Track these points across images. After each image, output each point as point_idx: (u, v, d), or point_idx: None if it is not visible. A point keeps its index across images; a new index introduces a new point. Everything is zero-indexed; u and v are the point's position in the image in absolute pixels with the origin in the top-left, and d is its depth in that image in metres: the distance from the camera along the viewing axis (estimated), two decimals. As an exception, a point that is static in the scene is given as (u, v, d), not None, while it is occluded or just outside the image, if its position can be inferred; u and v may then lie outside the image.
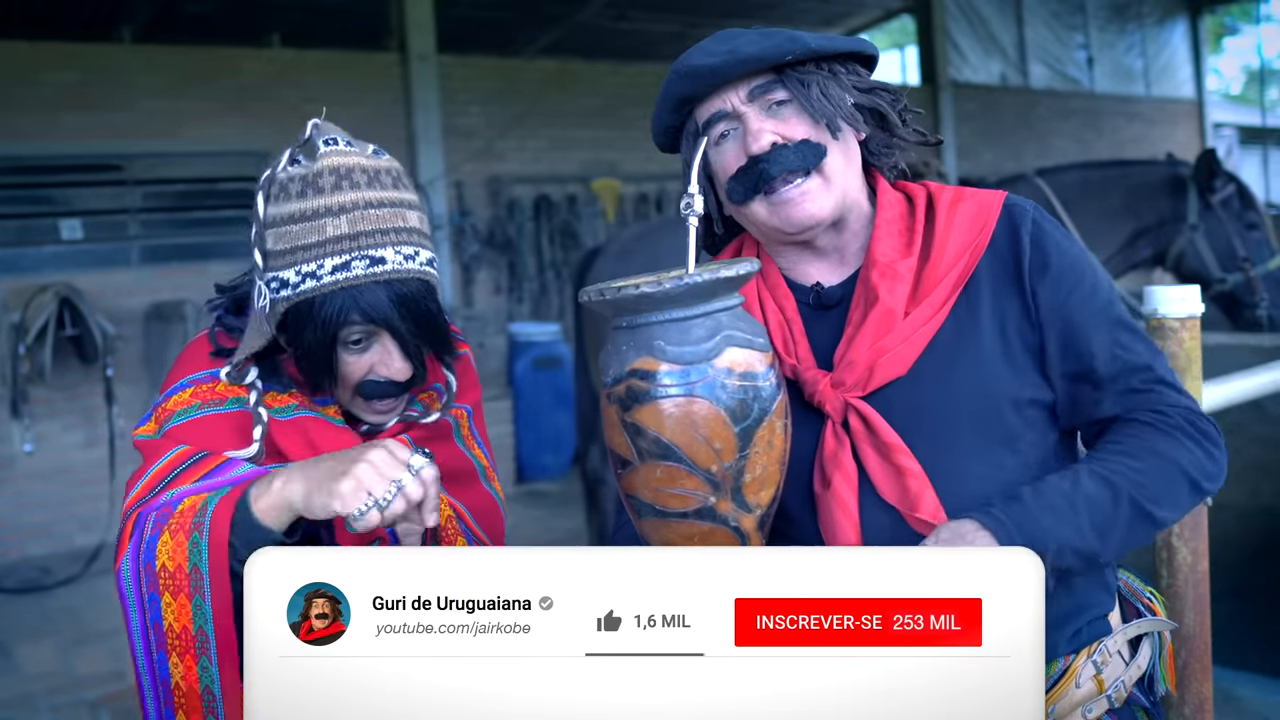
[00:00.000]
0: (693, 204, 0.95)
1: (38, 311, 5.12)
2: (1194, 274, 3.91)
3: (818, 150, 1.04)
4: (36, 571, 5.11)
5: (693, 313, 0.89)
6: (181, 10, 6.74)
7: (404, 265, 1.11)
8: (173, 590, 1.03)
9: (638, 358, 0.90)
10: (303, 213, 1.10)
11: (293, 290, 1.10)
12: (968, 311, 1.05)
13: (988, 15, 10.27)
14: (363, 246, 1.09)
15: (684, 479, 0.88)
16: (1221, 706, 2.18)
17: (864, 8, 10.05)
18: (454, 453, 1.31)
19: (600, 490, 4.21)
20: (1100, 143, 11.03)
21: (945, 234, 1.06)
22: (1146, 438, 1.00)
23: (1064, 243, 1.07)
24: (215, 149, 5.93)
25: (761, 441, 0.90)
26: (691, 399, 0.87)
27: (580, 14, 7.84)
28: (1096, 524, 0.94)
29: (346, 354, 1.13)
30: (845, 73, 1.08)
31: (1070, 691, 1.04)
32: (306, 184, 1.11)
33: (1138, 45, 11.75)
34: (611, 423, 0.92)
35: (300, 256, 1.10)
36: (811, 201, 1.04)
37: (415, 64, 6.50)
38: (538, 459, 6.46)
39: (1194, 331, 1.59)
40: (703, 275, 0.88)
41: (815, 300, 1.11)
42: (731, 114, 1.06)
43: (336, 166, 1.11)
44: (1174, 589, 1.59)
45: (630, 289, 0.88)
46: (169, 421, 1.16)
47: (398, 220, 1.12)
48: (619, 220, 7.26)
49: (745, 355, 0.90)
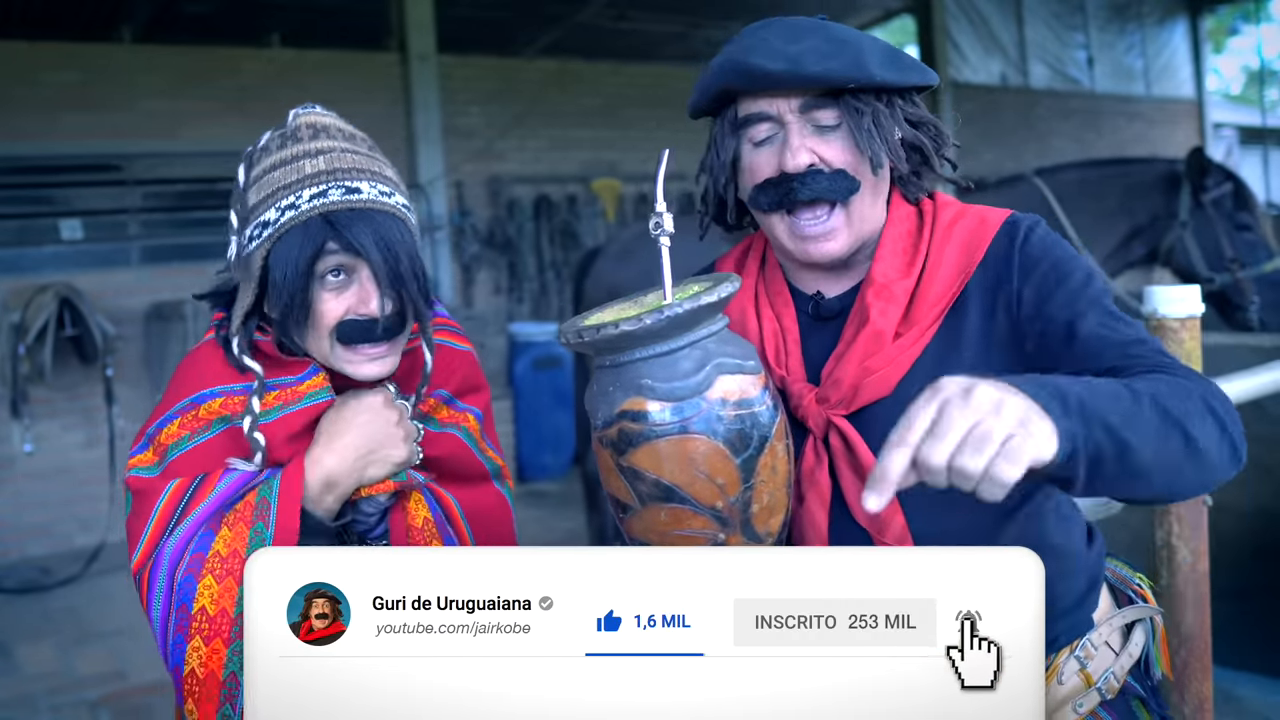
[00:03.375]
0: (662, 223, 0.91)
1: (38, 311, 5.11)
2: (1183, 272, 3.90)
3: (851, 185, 1.02)
4: (36, 571, 5.11)
5: (678, 344, 0.85)
6: (181, 10, 6.74)
7: (380, 198, 1.14)
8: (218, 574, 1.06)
9: (626, 398, 0.85)
10: (282, 160, 1.16)
11: (273, 227, 1.13)
12: (951, 334, 1.04)
13: (988, 15, 10.27)
14: (339, 179, 1.13)
15: (690, 519, 0.85)
16: (1221, 706, 2.18)
17: (864, 8, 10.04)
18: (468, 458, 1.31)
19: (598, 491, 4.21)
20: (1100, 143, 11.03)
21: (939, 255, 1.05)
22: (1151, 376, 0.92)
23: (1052, 243, 1.06)
24: (215, 149, 5.93)
25: (765, 469, 0.86)
26: (687, 436, 0.83)
27: (580, 14, 7.83)
28: (1121, 408, 0.82)
29: (324, 292, 1.13)
30: (902, 104, 1.05)
31: (1053, 688, 1.04)
32: (285, 138, 1.18)
33: (1138, 45, 11.75)
34: (607, 467, 0.88)
35: (280, 195, 1.14)
36: (831, 241, 1.04)
37: (415, 64, 6.50)
38: (538, 459, 6.46)
39: (1194, 331, 1.59)
40: (684, 305, 0.83)
41: (814, 310, 1.10)
42: (776, 118, 1.04)
43: (314, 122, 1.19)
44: (1174, 589, 1.58)
45: (609, 328, 0.83)
46: (166, 456, 1.16)
47: (374, 166, 1.17)
48: (619, 220, 7.25)
49: (738, 382, 0.86)
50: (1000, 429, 0.72)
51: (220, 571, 1.06)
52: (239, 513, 1.09)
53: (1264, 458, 3.00)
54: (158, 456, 1.16)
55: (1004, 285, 1.04)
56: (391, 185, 1.17)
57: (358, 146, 1.18)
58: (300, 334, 1.16)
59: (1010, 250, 1.04)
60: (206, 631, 1.04)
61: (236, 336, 1.18)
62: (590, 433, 0.89)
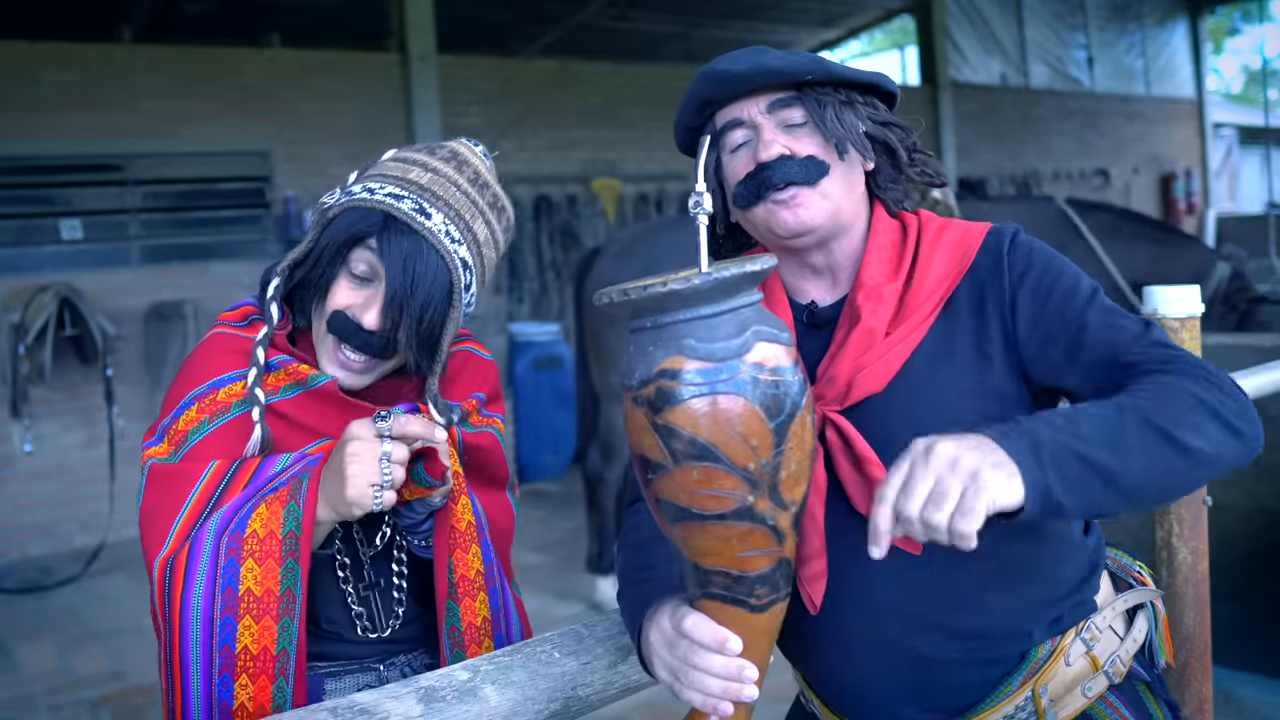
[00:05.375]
0: (701, 201, 0.94)
1: (38, 311, 5.12)
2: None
3: (821, 167, 1.08)
4: (36, 571, 5.11)
5: (721, 309, 0.88)
6: (181, 10, 6.74)
7: (442, 237, 1.15)
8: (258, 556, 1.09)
9: (667, 357, 0.87)
10: (409, 159, 1.19)
11: (349, 196, 1.17)
12: (945, 333, 1.07)
13: (988, 15, 10.27)
14: (424, 198, 1.15)
15: (722, 479, 0.86)
16: (1221, 706, 2.19)
17: (864, 8, 10.06)
18: (501, 462, 1.34)
19: (600, 490, 4.21)
20: (1100, 142, 11.04)
21: (928, 259, 1.10)
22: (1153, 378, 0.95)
23: (1037, 247, 1.10)
24: (215, 149, 5.94)
25: (795, 437, 0.88)
26: (726, 395, 0.85)
27: (580, 14, 7.84)
28: (1102, 436, 0.87)
29: (344, 279, 1.16)
30: (862, 103, 1.12)
31: (1060, 670, 1.05)
32: (430, 149, 1.21)
33: (1138, 45, 11.76)
34: (640, 426, 0.89)
35: (376, 178, 1.17)
36: (804, 209, 1.07)
37: (415, 64, 6.51)
38: (538, 459, 6.46)
39: (1194, 332, 1.59)
40: (730, 270, 0.87)
41: (809, 318, 1.14)
42: (748, 123, 1.10)
43: (459, 152, 1.21)
44: (1174, 589, 1.59)
45: (657, 287, 0.86)
46: (185, 443, 1.16)
47: (467, 215, 1.18)
48: (619, 220, 7.26)
49: (774, 350, 0.88)
50: (955, 485, 0.80)
51: (260, 554, 1.09)
52: (277, 496, 1.11)
53: (1264, 458, 2.98)
54: (174, 446, 1.17)
55: (995, 290, 1.07)
56: (467, 239, 1.17)
57: (474, 194, 1.19)
58: (314, 308, 1.19)
59: (998, 256, 1.08)
60: (256, 610, 1.08)
61: (278, 277, 1.21)
62: (590, 433, 0.89)
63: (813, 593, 1.02)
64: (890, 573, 1.01)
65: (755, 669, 0.91)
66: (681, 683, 0.93)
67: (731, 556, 0.89)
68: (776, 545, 0.90)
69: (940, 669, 1.02)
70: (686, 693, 0.92)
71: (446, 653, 1.21)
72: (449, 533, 1.21)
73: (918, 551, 1.00)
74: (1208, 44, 13.25)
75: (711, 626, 0.90)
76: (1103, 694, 1.07)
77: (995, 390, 1.05)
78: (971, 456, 0.81)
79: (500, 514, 1.32)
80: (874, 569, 1.01)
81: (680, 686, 0.93)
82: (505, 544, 1.33)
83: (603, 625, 1.16)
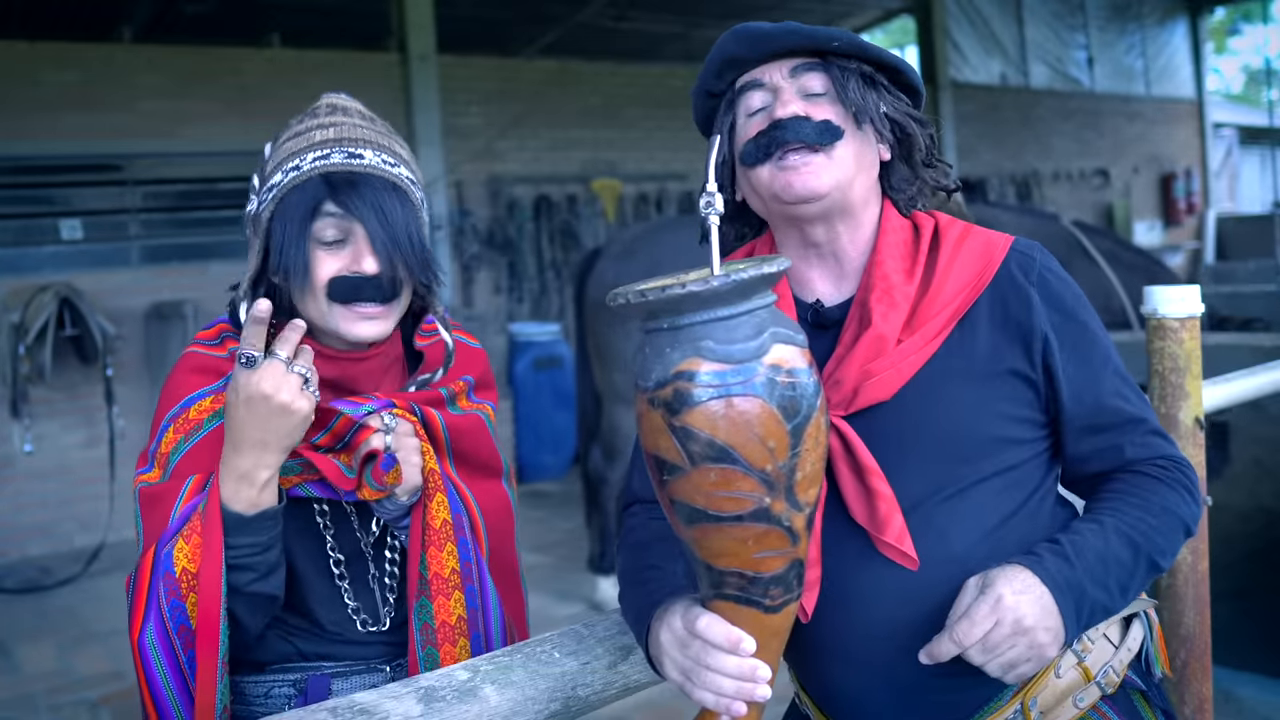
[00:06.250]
0: (713, 201, 0.93)
1: (38, 311, 5.12)
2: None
3: (835, 131, 1.06)
4: (36, 571, 5.11)
5: (739, 310, 0.87)
6: (181, 10, 6.74)
7: (382, 165, 1.17)
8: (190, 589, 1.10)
9: (684, 359, 0.87)
10: (297, 131, 1.20)
11: (279, 188, 1.16)
12: (961, 346, 1.05)
13: (988, 15, 10.27)
14: (344, 146, 1.17)
15: (739, 481, 0.86)
16: (1221, 706, 2.19)
17: (864, 8, 10.05)
18: (489, 447, 1.33)
19: (601, 490, 4.21)
20: (1100, 142, 11.04)
21: (948, 268, 1.07)
22: (1158, 493, 1.06)
23: (1068, 285, 1.09)
24: (215, 149, 5.93)
25: (810, 438, 0.88)
26: (744, 398, 0.85)
27: (580, 14, 7.84)
28: (1121, 582, 1.00)
29: (319, 251, 1.16)
30: (885, 88, 1.11)
31: (1050, 682, 1.04)
32: (305, 115, 1.23)
33: (1138, 45, 11.75)
34: (656, 428, 0.89)
35: (288, 160, 1.18)
36: (812, 175, 1.05)
37: (415, 64, 6.51)
38: (538, 459, 6.46)
39: (1194, 331, 1.59)
40: (748, 271, 0.87)
41: (814, 318, 1.11)
42: (769, 86, 1.09)
43: (334, 102, 1.25)
44: (1174, 589, 1.59)
45: (675, 288, 0.86)
46: (169, 464, 1.18)
47: (383, 141, 1.21)
48: (619, 220, 7.26)
49: (790, 352, 0.88)
50: (1019, 653, 0.92)
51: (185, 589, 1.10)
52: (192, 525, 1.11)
53: (1264, 458, 2.99)
54: (161, 470, 1.19)
55: (1021, 314, 1.05)
56: (398, 159, 1.20)
57: (373, 125, 1.23)
58: (301, 298, 1.18)
59: (1026, 281, 1.06)
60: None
61: (244, 302, 1.20)
62: (590, 433, 0.89)
63: (805, 601, 1.00)
64: (884, 584, 1.01)
65: (768, 669, 0.91)
66: (694, 683, 0.92)
67: (747, 558, 0.89)
68: (791, 546, 0.90)
69: (930, 681, 1.01)
70: (699, 693, 0.92)
71: (418, 650, 1.20)
72: (423, 530, 1.20)
73: (914, 568, 1.00)
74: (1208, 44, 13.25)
75: (725, 627, 0.90)
76: (1095, 704, 1.06)
77: (1007, 409, 1.04)
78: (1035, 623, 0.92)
79: (495, 503, 1.31)
80: (867, 580, 1.01)
81: (692, 687, 0.93)
82: (505, 538, 1.32)
83: (603, 625, 1.16)
